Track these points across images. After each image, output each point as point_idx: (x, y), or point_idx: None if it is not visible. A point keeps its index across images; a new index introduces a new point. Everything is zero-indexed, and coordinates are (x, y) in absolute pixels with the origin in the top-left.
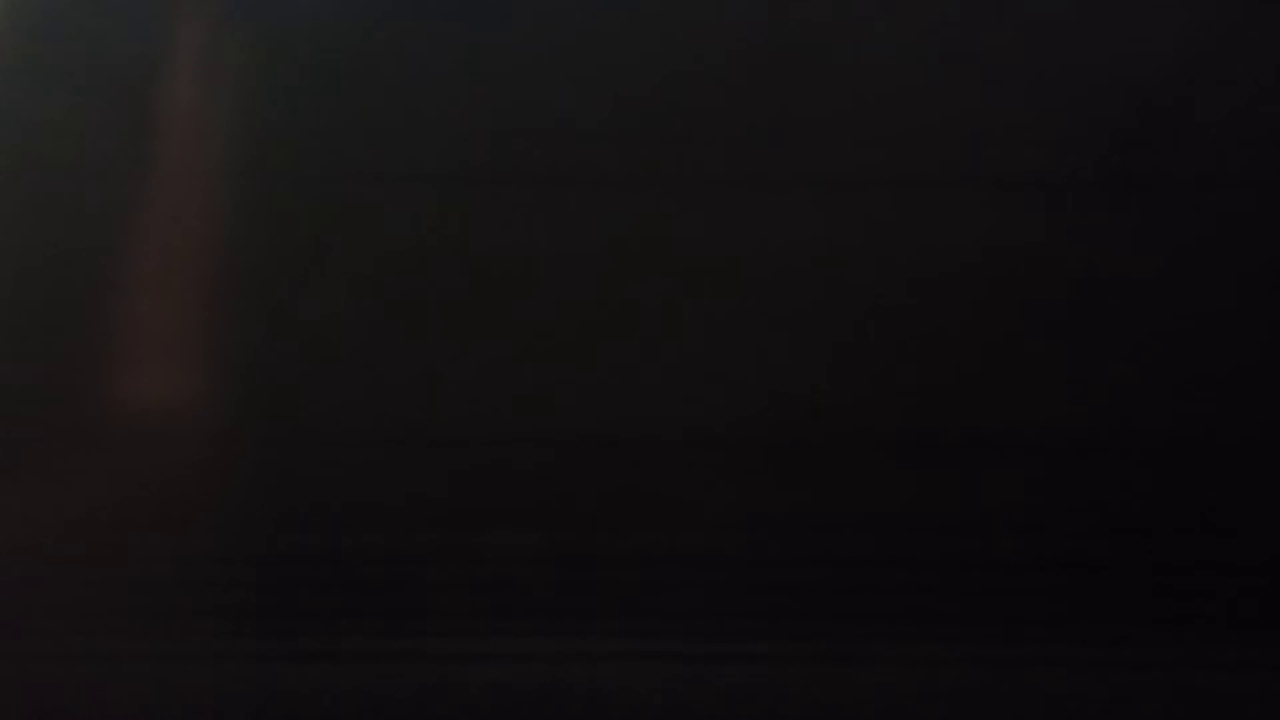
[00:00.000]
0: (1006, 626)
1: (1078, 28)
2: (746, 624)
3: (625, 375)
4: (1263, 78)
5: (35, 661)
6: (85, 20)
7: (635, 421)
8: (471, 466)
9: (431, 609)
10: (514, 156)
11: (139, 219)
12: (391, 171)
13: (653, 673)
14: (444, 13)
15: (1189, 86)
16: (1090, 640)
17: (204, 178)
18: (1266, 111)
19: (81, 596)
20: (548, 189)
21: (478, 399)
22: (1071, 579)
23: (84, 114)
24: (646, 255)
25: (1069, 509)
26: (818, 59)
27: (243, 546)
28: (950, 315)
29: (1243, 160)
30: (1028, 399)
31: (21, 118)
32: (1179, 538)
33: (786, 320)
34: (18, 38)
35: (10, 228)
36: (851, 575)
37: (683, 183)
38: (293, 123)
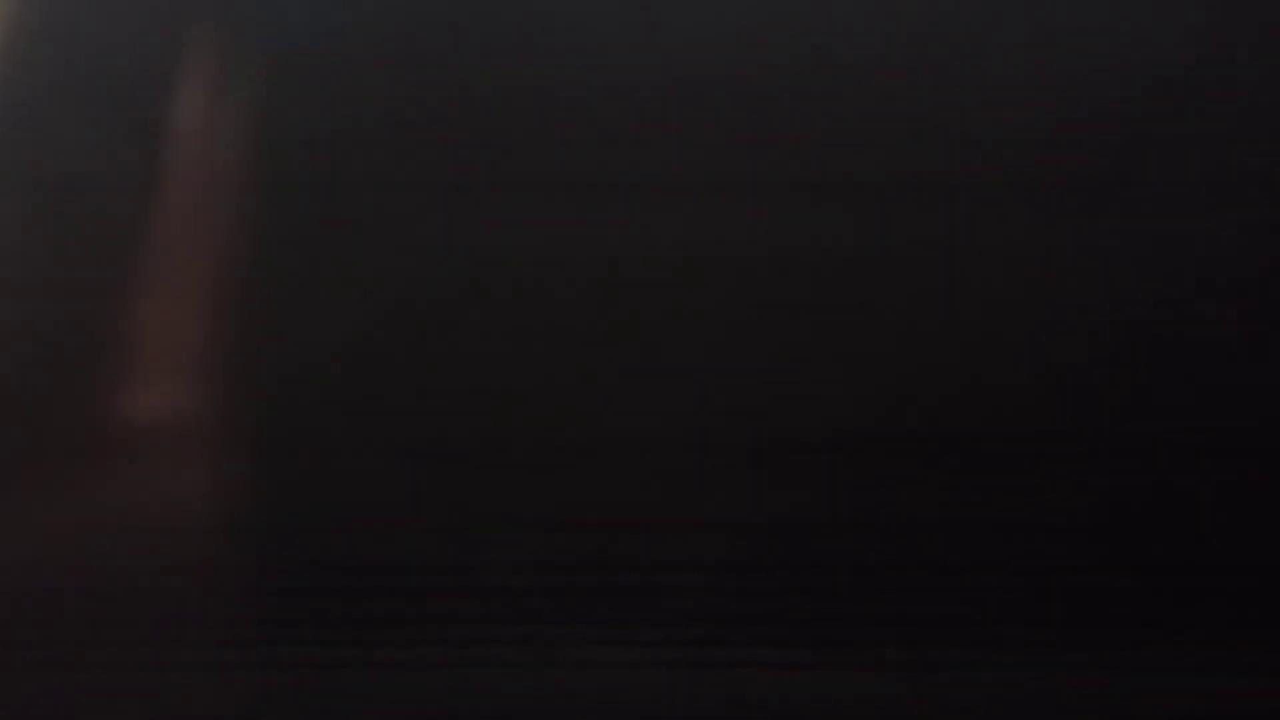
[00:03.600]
0: (1013, 630)
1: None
2: (752, 630)
3: (632, 379)
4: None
5: (43, 671)
6: (90, 28)
7: (639, 426)
8: (480, 473)
9: (440, 617)
10: (524, 164)
11: (154, 229)
12: (400, 180)
13: (660, 680)
14: (449, 17)
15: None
16: (1093, 644)
17: (218, 186)
18: (1245, 112)
19: (91, 606)
20: (552, 195)
21: (488, 405)
22: (1074, 582)
23: (90, 123)
24: (653, 259)
25: (1069, 512)
26: (813, 62)
27: (252, 555)
28: (946, 318)
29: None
30: (1024, 401)
31: (24, 126)
32: (1178, 539)
33: (793, 324)
34: (20, 45)
35: (17, 237)
36: (855, 580)
37: (687, 188)
38: (304, 129)
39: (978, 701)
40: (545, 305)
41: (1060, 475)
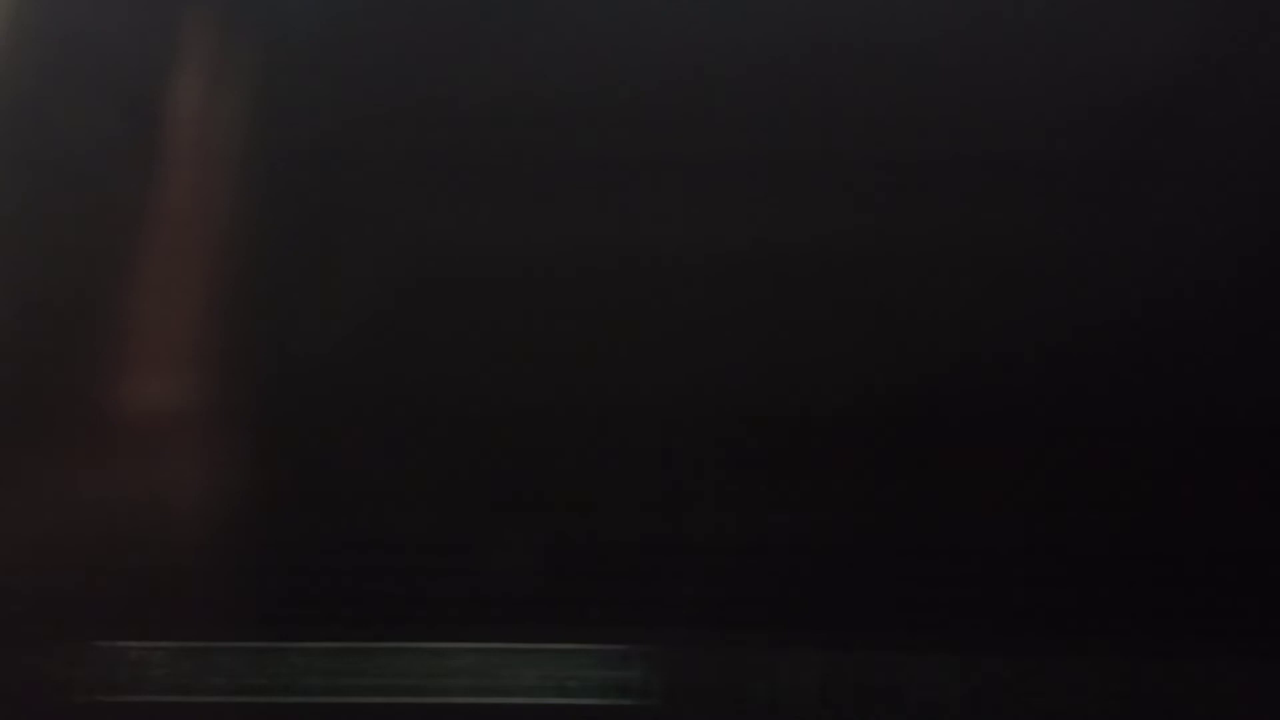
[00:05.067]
0: (1014, 620)
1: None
2: (747, 616)
3: (635, 368)
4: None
5: (42, 664)
6: (90, 24)
7: (640, 415)
8: (480, 454)
9: (435, 599)
10: (528, 151)
11: (151, 218)
12: (394, 169)
13: (658, 666)
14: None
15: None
16: (1095, 636)
17: (217, 177)
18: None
19: (96, 593)
20: (552, 180)
21: (488, 387)
22: (1074, 573)
23: (90, 117)
24: (654, 252)
25: (1065, 501)
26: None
27: (251, 545)
28: (941, 305)
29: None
30: (1022, 388)
31: (27, 120)
32: (1176, 532)
33: (791, 310)
34: (22, 41)
35: (20, 231)
36: (849, 567)
37: (688, 184)
38: (303, 119)
39: (979, 696)
40: (546, 295)
41: (1068, 467)
